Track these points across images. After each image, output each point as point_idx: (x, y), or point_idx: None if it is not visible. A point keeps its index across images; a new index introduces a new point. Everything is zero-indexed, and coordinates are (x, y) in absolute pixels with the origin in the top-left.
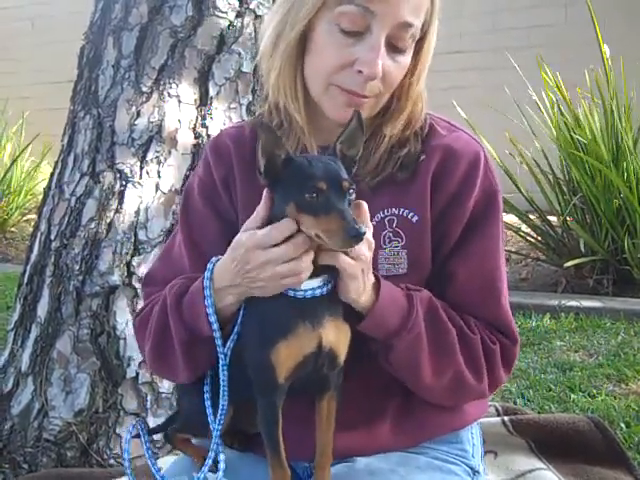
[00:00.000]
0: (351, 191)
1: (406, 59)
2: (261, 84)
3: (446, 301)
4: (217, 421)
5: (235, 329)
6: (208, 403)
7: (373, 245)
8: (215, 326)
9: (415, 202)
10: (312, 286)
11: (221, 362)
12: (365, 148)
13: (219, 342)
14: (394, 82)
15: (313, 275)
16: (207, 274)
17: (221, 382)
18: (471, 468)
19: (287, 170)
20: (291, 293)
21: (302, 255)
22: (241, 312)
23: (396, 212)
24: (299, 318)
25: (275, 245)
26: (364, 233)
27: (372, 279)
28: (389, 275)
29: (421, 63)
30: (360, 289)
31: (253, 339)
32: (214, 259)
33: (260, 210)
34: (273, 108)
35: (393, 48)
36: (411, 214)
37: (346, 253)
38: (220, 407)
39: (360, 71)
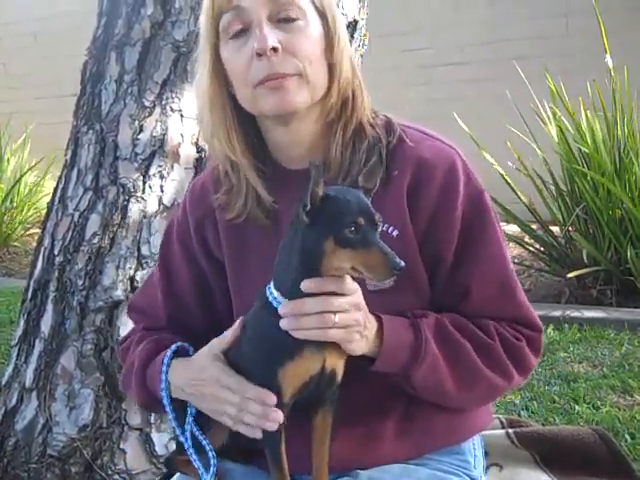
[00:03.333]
0: (380, 224)
1: (303, 25)
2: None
3: (464, 313)
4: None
5: (188, 413)
6: (192, 450)
7: (362, 305)
8: (174, 423)
9: (393, 216)
10: None
11: (185, 445)
12: (323, 151)
13: (178, 431)
14: (305, 51)
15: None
16: (162, 377)
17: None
18: (473, 479)
19: (324, 205)
20: None
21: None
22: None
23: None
24: (305, 341)
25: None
26: (404, 266)
27: (374, 325)
28: (376, 290)
29: (336, 36)
30: (363, 346)
31: (258, 358)
32: (170, 350)
33: (228, 334)
34: (222, 174)
35: (282, 21)
36: (391, 228)
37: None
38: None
39: (258, 54)
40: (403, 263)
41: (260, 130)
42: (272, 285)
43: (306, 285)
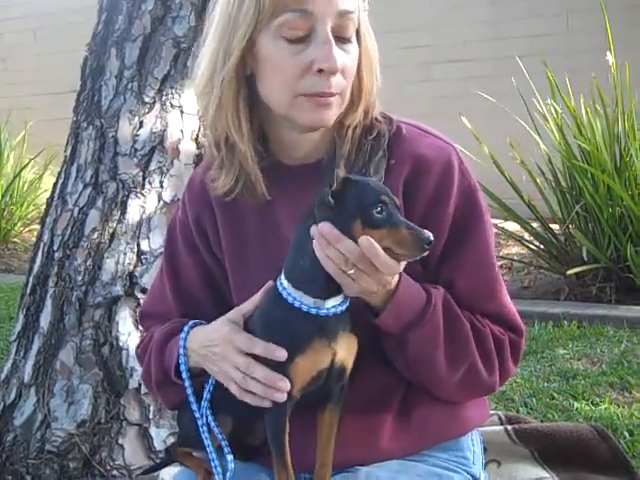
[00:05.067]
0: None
1: (354, 48)
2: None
3: None
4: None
5: (207, 389)
6: (203, 428)
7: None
8: (189, 390)
9: None
10: (334, 304)
11: (199, 423)
12: (332, 144)
13: (194, 407)
14: (352, 74)
15: (333, 292)
16: (181, 343)
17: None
18: (472, 475)
19: (346, 189)
20: (313, 311)
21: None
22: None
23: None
24: (316, 333)
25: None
26: (433, 240)
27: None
28: None
29: (365, 51)
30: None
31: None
32: (190, 323)
33: (256, 298)
34: (214, 147)
35: (340, 40)
36: None
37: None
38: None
39: (320, 69)
40: (432, 236)
41: (264, 120)
42: (283, 277)
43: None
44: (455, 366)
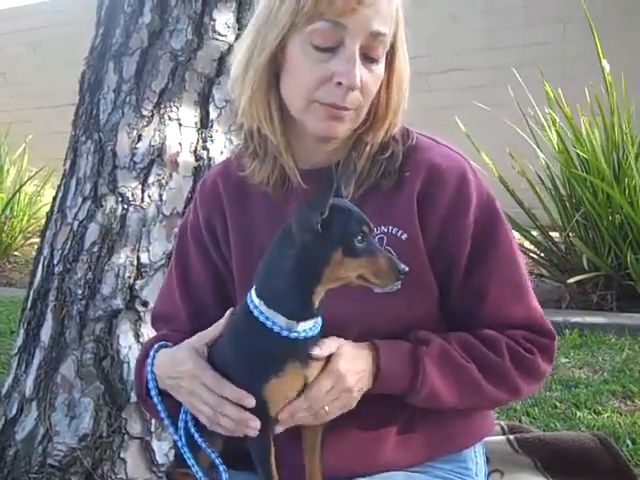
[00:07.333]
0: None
1: (380, 69)
2: (235, 112)
3: (481, 317)
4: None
5: (181, 414)
6: (185, 449)
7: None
8: (163, 414)
9: (402, 219)
10: (306, 327)
11: (179, 443)
12: (348, 157)
13: (171, 428)
14: (371, 93)
15: (307, 315)
16: (148, 368)
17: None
18: None
19: (332, 216)
20: (285, 333)
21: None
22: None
23: (385, 230)
24: (290, 356)
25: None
26: (408, 270)
27: (367, 380)
28: (382, 294)
29: (397, 73)
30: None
31: (243, 371)
32: (156, 347)
33: (220, 324)
34: (248, 136)
35: (367, 59)
36: (400, 232)
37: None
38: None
39: (339, 83)
40: (407, 268)
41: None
42: (253, 292)
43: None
44: (468, 403)
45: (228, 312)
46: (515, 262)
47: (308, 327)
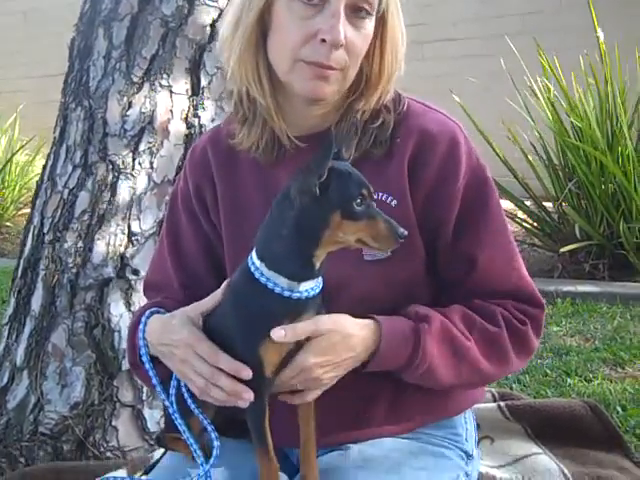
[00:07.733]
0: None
1: (368, 28)
2: (223, 77)
3: (471, 286)
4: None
5: (172, 381)
6: (177, 415)
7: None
8: (154, 380)
9: (392, 185)
10: (307, 287)
11: (170, 410)
12: (339, 125)
13: (163, 395)
14: (359, 53)
15: (308, 275)
16: (140, 334)
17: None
18: (464, 452)
19: (330, 179)
20: (286, 294)
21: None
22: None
23: (375, 197)
24: (287, 316)
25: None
26: (407, 234)
27: (360, 349)
28: (372, 260)
29: (390, 39)
30: (350, 365)
31: (240, 331)
32: (147, 313)
33: (209, 300)
34: (237, 100)
35: (354, 15)
36: (390, 198)
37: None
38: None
39: (323, 40)
40: (406, 232)
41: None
42: (254, 254)
43: (278, 335)
44: (462, 379)
45: (224, 283)
46: (505, 231)
47: (310, 287)
